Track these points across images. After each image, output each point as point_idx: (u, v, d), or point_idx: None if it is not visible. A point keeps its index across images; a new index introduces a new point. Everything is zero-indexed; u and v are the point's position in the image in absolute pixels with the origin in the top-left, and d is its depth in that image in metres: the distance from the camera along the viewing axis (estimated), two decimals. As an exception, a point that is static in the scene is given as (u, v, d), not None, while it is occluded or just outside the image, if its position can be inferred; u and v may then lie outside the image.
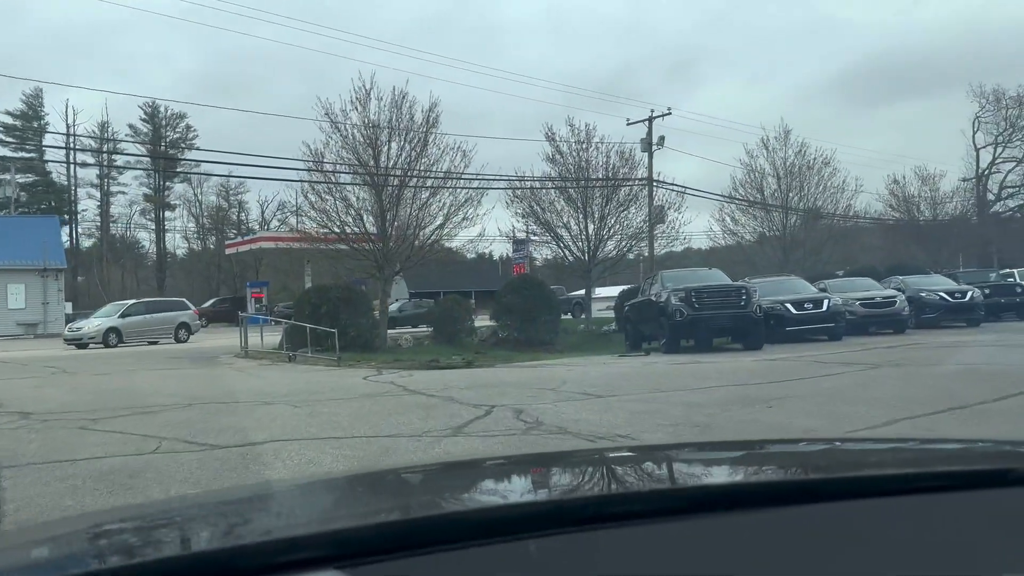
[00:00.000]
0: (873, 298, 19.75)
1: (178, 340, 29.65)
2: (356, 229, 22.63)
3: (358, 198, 22.59)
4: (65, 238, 60.66)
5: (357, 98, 22.43)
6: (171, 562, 0.91)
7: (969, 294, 21.17)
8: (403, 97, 22.58)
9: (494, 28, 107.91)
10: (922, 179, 45.57)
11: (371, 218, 22.91)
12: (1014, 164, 51.28)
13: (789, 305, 17.94)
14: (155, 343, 28.92)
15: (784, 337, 17.44)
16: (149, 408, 9.25)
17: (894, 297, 19.78)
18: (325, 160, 22.77)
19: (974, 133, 51.45)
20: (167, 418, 8.42)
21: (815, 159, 34.80)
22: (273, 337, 22.00)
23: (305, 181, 22.97)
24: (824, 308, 17.97)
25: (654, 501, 1.09)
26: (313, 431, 7.40)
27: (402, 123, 22.65)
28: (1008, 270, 27.43)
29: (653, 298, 17.55)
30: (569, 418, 7.55)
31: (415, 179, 22.95)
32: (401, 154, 22.80)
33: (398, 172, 22.81)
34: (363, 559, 0.83)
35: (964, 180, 49.18)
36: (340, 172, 23.31)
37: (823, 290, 19.38)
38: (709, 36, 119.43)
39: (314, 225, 23.20)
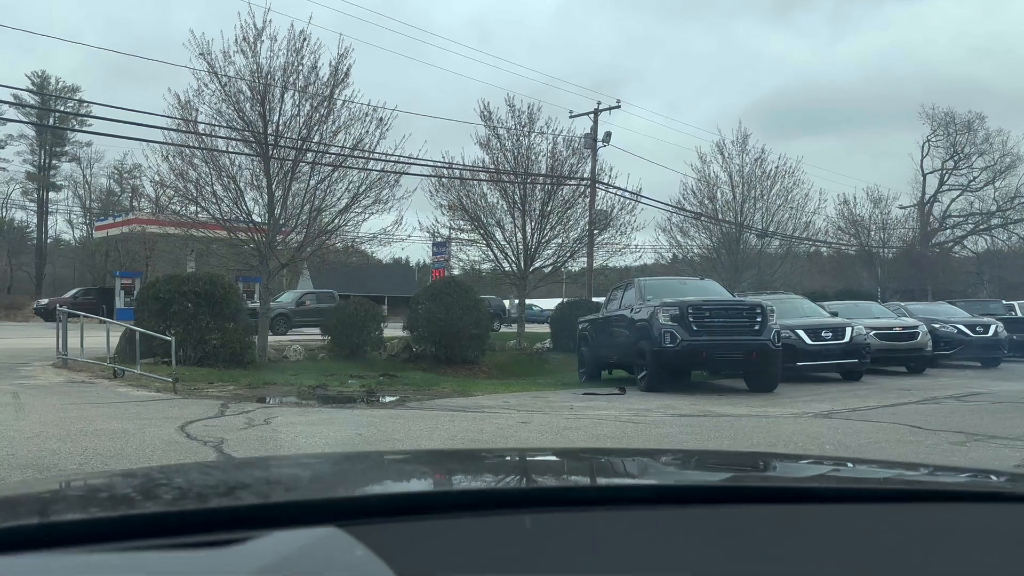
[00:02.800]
0: (891, 328, 15.64)
1: None
2: (233, 207, 17.40)
3: (233, 164, 17.31)
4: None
5: (244, 38, 17.23)
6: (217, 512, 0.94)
7: (992, 328, 17.39)
8: (304, 40, 17.50)
9: (422, 33, 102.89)
10: (874, 202, 42.85)
11: (254, 194, 17.70)
12: (959, 192, 49.20)
13: (803, 333, 13.61)
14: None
15: (792, 374, 13.10)
16: None
17: (916, 328, 15.72)
18: (199, 116, 17.51)
19: (922, 158, 49.16)
20: None
21: (776, 168, 31.04)
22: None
23: (169, 144, 17.54)
24: (846, 339, 13.72)
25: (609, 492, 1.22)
26: None
27: (301, 74, 17.53)
28: (1010, 302, 24.13)
29: (628, 314, 12.88)
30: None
31: (315, 148, 17.85)
32: (298, 114, 17.68)
33: (294, 137, 17.67)
34: (358, 520, 0.85)
35: (902, 208, 46.78)
36: (217, 136, 18.02)
37: (833, 315, 15.18)
38: (632, 59, 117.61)
39: (178, 199, 17.81)
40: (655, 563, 0.83)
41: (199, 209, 17.64)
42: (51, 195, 66.14)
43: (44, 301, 39.98)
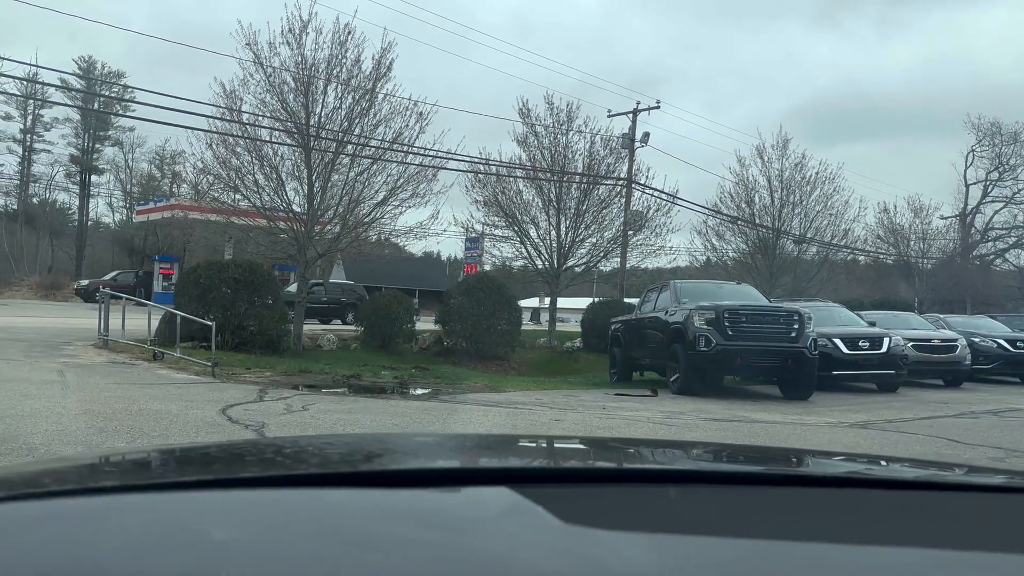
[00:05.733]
0: (929, 340, 15.46)
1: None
2: (274, 196, 17.64)
3: (276, 154, 17.53)
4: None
5: (290, 29, 17.45)
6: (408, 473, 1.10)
7: (1033, 343, 17.12)
8: (348, 34, 17.69)
9: (464, 29, 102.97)
10: (915, 211, 42.14)
11: (295, 184, 17.91)
12: (1002, 204, 48.27)
13: (839, 341, 13.49)
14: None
15: (828, 383, 13.00)
16: None
17: (955, 341, 15.52)
18: (243, 106, 17.76)
19: (966, 168, 48.32)
20: None
21: (816, 174, 30.68)
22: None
23: (213, 132, 17.79)
24: (883, 349, 13.58)
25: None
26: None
27: (345, 67, 17.70)
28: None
29: (662, 316, 12.87)
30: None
31: (356, 140, 18.01)
32: (340, 107, 17.86)
33: (335, 130, 17.85)
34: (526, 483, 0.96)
35: (944, 218, 45.94)
36: (261, 126, 18.25)
37: (871, 324, 15.02)
38: (673, 59, 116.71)
39: (220, 186, 18.07)
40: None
41: (240, 197, 17.89)
42: (93, 178, 67.27)
43: (84, 282, 40.79)
